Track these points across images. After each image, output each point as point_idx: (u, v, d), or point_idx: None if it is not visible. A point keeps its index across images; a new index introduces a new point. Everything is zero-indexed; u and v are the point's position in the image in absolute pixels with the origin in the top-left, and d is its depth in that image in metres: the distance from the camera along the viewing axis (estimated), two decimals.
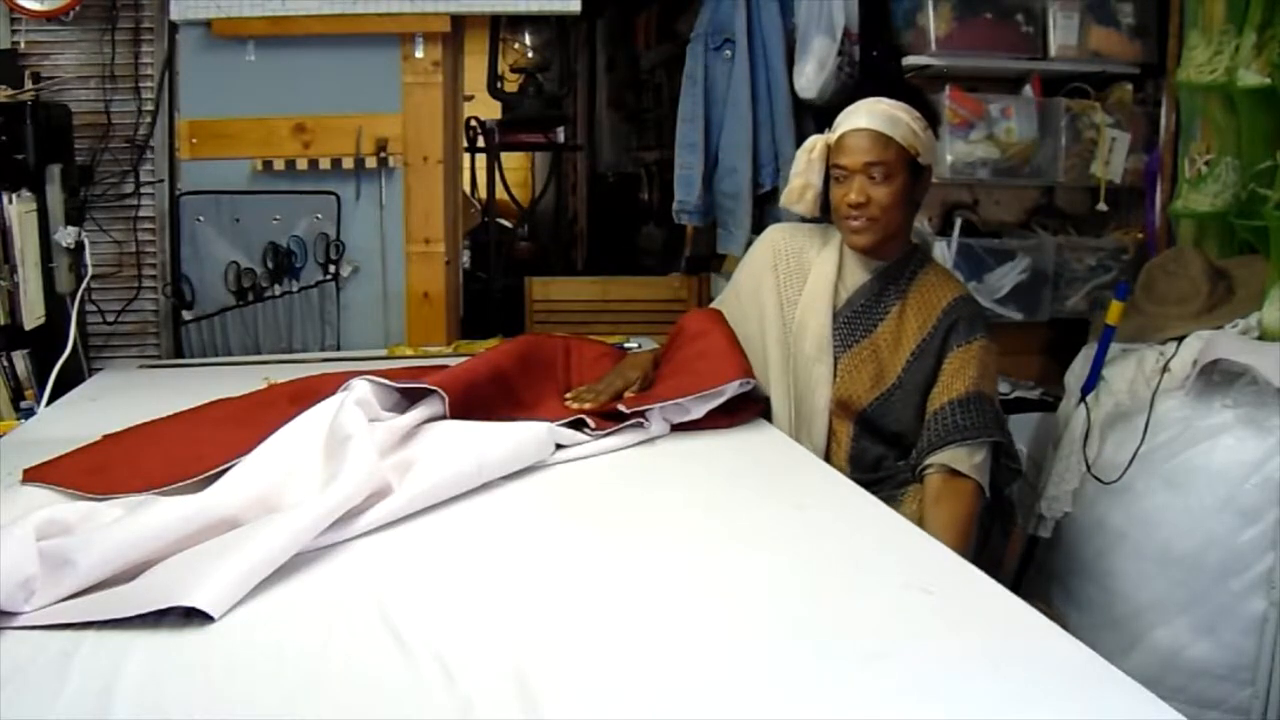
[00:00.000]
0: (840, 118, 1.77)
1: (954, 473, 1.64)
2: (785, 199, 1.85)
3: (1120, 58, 2.56)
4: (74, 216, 2.33)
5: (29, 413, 2.10)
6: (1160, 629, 1.91)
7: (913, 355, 1.74)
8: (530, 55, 3.50)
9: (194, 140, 2.57)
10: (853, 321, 1.79)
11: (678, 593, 1.08)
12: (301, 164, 2.57)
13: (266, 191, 2.58)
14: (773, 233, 1.94)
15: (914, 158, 1.72)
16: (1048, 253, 2.56)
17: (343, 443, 1.30)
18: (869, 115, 1.72)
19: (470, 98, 3.29)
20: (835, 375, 1.77)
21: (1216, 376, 1.96)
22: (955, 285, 1.81)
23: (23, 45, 2.50)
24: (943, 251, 2.51)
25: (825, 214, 1.82)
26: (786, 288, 1.86)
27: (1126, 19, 2.55)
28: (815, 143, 1.78)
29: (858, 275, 1.81)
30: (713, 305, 2.02)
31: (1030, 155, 2.52)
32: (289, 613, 1.01)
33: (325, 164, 2.58)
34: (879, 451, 1.75)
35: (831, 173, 1.76)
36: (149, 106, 2.55)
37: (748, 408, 1.76)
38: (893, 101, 1.73)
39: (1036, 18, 2.52)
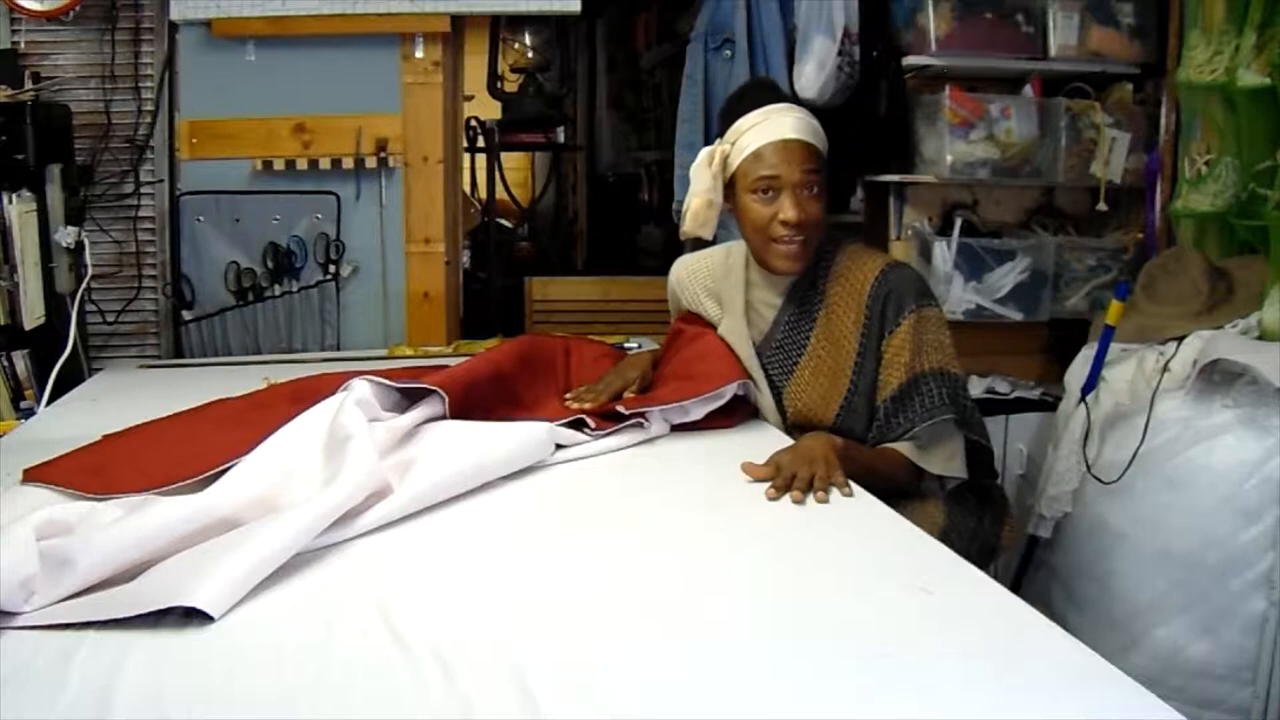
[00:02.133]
0: (750, 126, 1.59)
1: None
2: (690, 223, 1.67)
3: (1120, 58, 2.56)
4: (74, 216, 2.34)
5: (29, 413, 2.10)
6: (1160, 629, 1.91)
7: (859, 353, 1.61)
8: (530, 55, 3.51)
9: (194, 140, 2.57)
10: (785, 344, 1.70)
11: (677, 592, 1.08)
12: (301, 164, 2.58)
13: (266, 191, 2.59)
14: (674, 273, 1.90)
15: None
16: (1048, 253, 2.56)
17: (343, 443, 1.30)
18: (796, 125, 1.58)
19: (470, 98, 3.29)
20: (785, 404, 1.70)
21: (1216, 376, 1.96)
22: (874, 260, 1.64)
23: (23, 45, 2.50)
24: (943, 251, 2.51)
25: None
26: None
27: (1126, 19, 2.55)
28: (714, 154, 1.62)
29: (772, 294, 1.72)
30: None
31: (1030, 155, 2.52)
32: (289, 612, 1.01)
33: (325, 164, 2.58)
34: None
35: (752, 187, 1.59)
36: (149, 106, 2.55)
37: (747, 407, 1.75)
38: (801, 109, 1.62)
39: (1036, 18, 2.52)
